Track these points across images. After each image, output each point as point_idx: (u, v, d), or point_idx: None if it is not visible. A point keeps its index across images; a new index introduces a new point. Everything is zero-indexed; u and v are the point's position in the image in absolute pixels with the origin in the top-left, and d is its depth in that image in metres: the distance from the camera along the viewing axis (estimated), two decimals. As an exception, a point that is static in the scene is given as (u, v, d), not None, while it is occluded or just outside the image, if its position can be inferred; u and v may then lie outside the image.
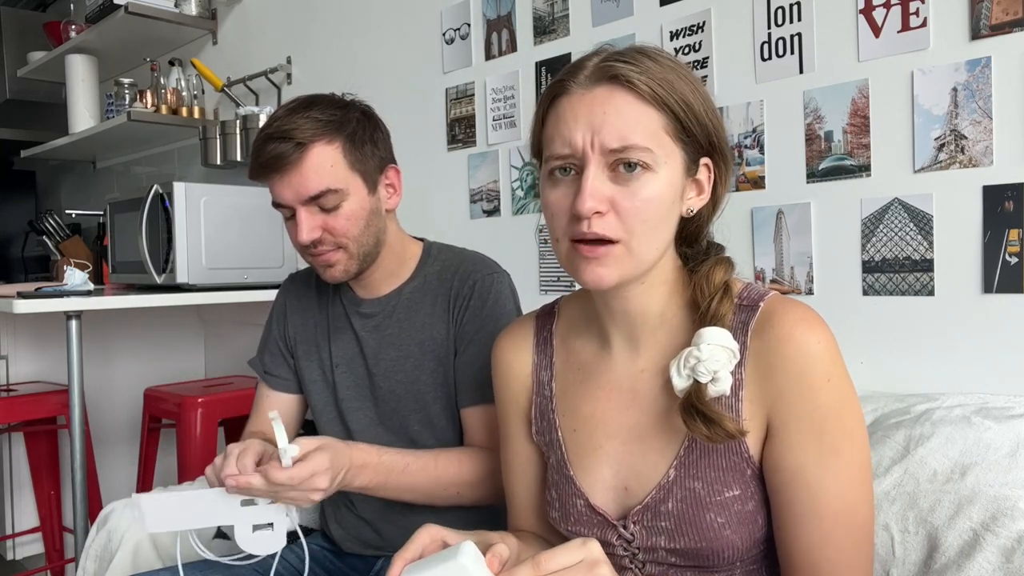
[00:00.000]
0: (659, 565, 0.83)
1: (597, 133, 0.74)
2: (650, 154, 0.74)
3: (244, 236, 2.14)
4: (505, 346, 0.97)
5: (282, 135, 1.09)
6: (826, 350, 0.75)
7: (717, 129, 0.79)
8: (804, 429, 0.75)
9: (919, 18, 1.23)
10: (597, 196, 0.74)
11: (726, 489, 0.78)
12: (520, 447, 0.96)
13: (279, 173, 1.11)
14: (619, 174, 0.74)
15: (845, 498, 0.75)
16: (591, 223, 0.74)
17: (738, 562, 0.80)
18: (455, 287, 1.20)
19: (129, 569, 1.35)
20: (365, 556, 1.26)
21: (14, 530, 2.46)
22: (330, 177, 1.11)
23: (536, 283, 1.77)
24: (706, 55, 1.49)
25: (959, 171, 1.21)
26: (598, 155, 0.74)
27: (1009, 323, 1.17)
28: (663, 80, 0.75)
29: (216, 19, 2.78)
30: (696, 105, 0.77)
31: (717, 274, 0.81)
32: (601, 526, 0.84)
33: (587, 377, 0.89)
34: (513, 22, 1.82)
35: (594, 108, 0.74)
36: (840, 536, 0.75)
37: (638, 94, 0.74)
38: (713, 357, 0.75)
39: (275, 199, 1.14)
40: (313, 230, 1.12)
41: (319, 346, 1.28)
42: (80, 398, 1.86)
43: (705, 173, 0.80)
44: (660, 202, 0.75)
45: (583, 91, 0.76)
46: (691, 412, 0.76)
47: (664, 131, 0.75)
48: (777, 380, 0.76)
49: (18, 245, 3.78)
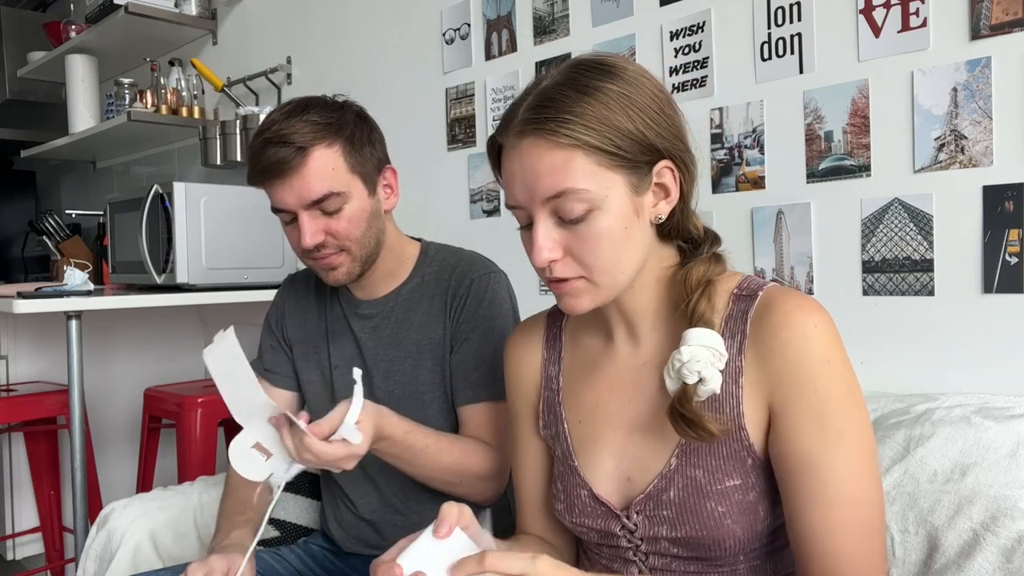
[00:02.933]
0: (662, 557, 0.83)
1: (532, 189, 0.76)
2: (587, 193, 0.75)
3: (244, 236, 2.14)
4: (517, 344, 0.99)
5: (281, 139, 1.08)
6: (823, 333, 0.76)
7: (667, 132, 0.78)
8: (805, 413, 0.76)
9: (919, 18, 1.23)
10: (548, 247, 0.77)
11: (727, 478, 0.79)
12: (529, 443, 0.97)
13: (280, 178, 1.10)
14: (565, 220, 0.76)
15: (853, 483, 0.75)
16: (551, 269, 0.78)
17: (741, 555, 0.81)
18: (452, 286, 1.20)
19: (129, 569, 1.35)
20: (365, 556, 1.26)
21: (14, 530, 2.46)
22: (332, 180, 1.11)
23: (536, 283, 1.77)
24: (706, 55, 1.49)
25: (959, 171, 1.21)
26: (539, 206, 0.76)
27: (1009, 323, 1.17)
28: (589, 119, 0.74)
29: (216, 19, 2.78)
30: (634, 126, 0.75)
31: (695, 273, 0.82)
32: (605, 516, 0.85)
33: (593, 370, 0.90)
34: (513, 22, 1.82)
35: (524, 163, 0.76)
36: (850, 522, 0.75)
37: (558, 143, 0.74)
38: (695, 358, 0.75)
39: (275, 204, 1.14)
40: (316, 234, 1.12)
41: (318, 348, 1.28)
42: (80, 398, 1.86)
43: (668, 175, 0.79)
44: (610, 234, 0.77)
45: (513, 145, 0.77)
46: (675, 415, 0.77)
47: (598, 165, 0.75)
48: (776, 364, 0.77)
49: (18, 245, 3.78)
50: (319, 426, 0.90)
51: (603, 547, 0.89)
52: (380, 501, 1.24)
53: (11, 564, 2.52)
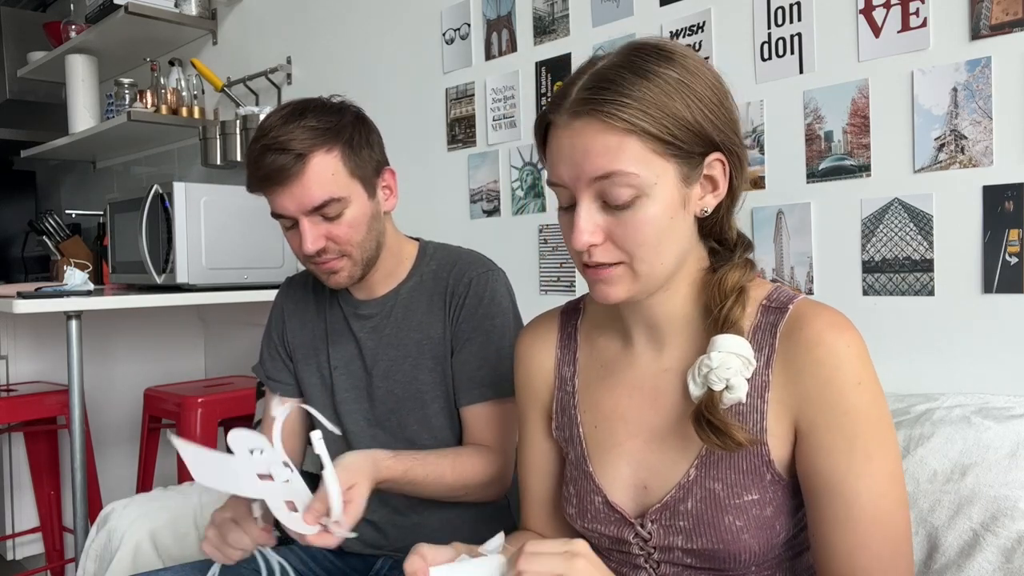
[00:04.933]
0: (674, 566, 0.82)
1: (580, 168, 0.74)
2: (637, 178, 0.72)
3: (244, 236, 2.14)
4: (529, 341, 0.96)
5: (279, 146, 1.08)
6: (856, 354, 0.75)
7: (725, 124, 0.77)
8: (835, 433, 0.74)
9: (919, 18, 1.23)
10: (589, 229, 0.74)
11: (745, 493, 0.77)
12: (539, 443, 0.96)
13: (280, 185, 1.10)
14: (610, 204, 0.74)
15: (879, 504, 0.74)
16: (590, 254, 0.76)
17: (753, 566, 0.80)
18: (451, 285, 1.20)
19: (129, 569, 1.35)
20: (365, 556, 1.26)
21: (14, 530, 2.46)
22: (332, 186, 1.10)
23: (536, 283, 1.77)
24: (706, 55, 1.49)
25: (959, 171, 1.21)
26: (585, 187, 0.74)
27: (1009, 323, 1.17)
28: (647, 104, 0.72)
29: (216, 19, 2.78)
30: (688, 115, 0.74)
31: (730, 278, 0.80)
32: (618, 524, 0.84)
33: (610, 374, 0.88)
34: (513, 22, 1.82)
35: (574, 143, 0.74)
36: (876, 543, 0.74)
37: (614, 127, 0.72)
38: (724, 365, 0.74)
39: (276, 211, 1.13)
40: (317, 240, 1.12)
41: (317, 350, 1.28)
42: (80, 398, 1.86)
43: (719, 168, 0.78)
44: (656, 222, 0.74)
45: (565, 124, 0.74)
46: (700, 421, 0.75)
47: (651, 152, 0.73)
48: (806, 383, 0.75)
49: (18, 245, 3.78)
50: (310, 515, 0.90)
51: (613, 552, 0.87)
52: (380, 502, 1.23)
53: (11, 564, 2.52)
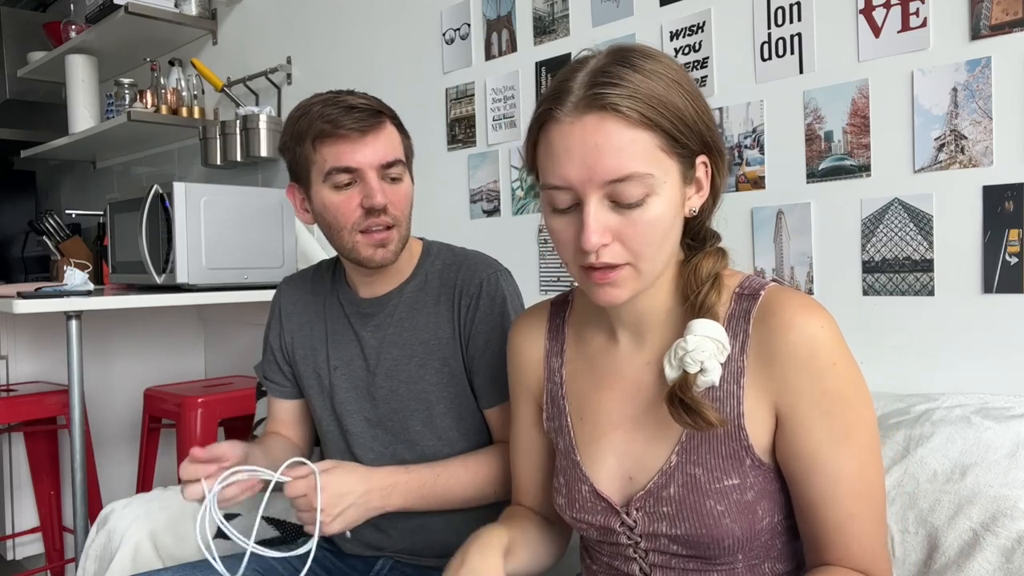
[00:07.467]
0: (662, 554, 0.84)
1: (592, 166, 0.72)
2: (651, 178, 0.73)
3: (244, 236, 2.14)
4: (520, 331, 0.99)
5: (361, 103, 1.11)
6: (829, 335, 0.76)
7: (709, 126, 0.78)
8: (814, 415, 0.76)
9: (919, 18, 1.23)
10: (600, 230, 0.73)
11: (725, 477, 0.79)
12: (527, 429, 0.99)
13: (360, 133, 1.10)
14: (620, 204, 0.74)
15: (863, 477, 0.77)
16: (598, 254, 0.75)
17: (739, 553, 0.81)
18: (459, 286, 1.20)
19: (129, 569, 1.35)
20: (366, 557, 1.26)
21: (14, 530, 2.46)
22: (400, 150, 1.16)
23: (536, 283, 1.77)
24: (706, 55, 1.49)
25: (959, 171, 1.21)
26: (596, 188, 0.73)
27: (1009, 323, 1.17)
28: (652, 97, 0.72)
29: (216, 19, 2.78)
30: (687, 112, 0.75)
31: (705, 265, 0.82)
32: (605, 512, 0.86)
33: (595, 367, 0.91)
34: (513, 22, 1.82)
35: (586, 140, 0.72)
36: (864, 511, 0.77)
37: (628, 120, 0.72)
38: (700, 348, 0.76)
39: (343, 163, 1.10)
40: (383, 195, 1.12)
41: (316, 350, 1.28)
42: (80, 398, 1.86)
43: (703, 170, 0.80)
44: (663, 222, 0.75)
45: (571, 120, 0.73)
46: (674, 401, 0.77)
47: (660, 149, 0.74)
48: (782, 367, 0.77)
49: (18, 245, 3.78)
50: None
51: (604, 544, 0.89)
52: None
53: (11, 564, 2.52)
